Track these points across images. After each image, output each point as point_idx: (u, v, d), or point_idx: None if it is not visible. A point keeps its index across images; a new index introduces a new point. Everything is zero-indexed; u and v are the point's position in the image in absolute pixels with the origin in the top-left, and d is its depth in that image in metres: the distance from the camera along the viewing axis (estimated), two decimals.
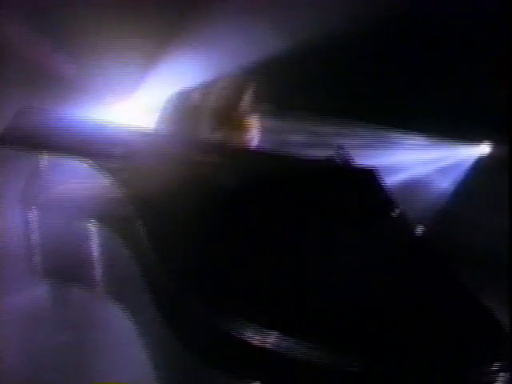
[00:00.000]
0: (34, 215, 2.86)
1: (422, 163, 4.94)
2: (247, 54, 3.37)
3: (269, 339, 1.93)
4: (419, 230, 2.61)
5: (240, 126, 3.23)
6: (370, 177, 2.70)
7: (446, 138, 4.91)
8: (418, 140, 4.95)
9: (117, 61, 4.14)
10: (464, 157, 4.98)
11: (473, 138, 4.90)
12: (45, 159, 2.92)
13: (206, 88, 3.21)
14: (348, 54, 4.41)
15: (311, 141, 4.59)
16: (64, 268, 2.91)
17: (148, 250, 2.31)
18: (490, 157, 4.92)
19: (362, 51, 4.43)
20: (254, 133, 3.25)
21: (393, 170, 4.30)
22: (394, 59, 4.50)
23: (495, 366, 1.90)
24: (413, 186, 4.65)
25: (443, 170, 4.98)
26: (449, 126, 4.64)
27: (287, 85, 4.22)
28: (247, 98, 3.29)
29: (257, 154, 3.09)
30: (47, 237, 2.90)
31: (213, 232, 2.34)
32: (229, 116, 3.21)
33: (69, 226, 2.79)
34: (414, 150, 4.95)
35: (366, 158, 3.09)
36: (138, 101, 4.26)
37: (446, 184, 4.93)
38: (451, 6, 4.32)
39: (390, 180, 2.83)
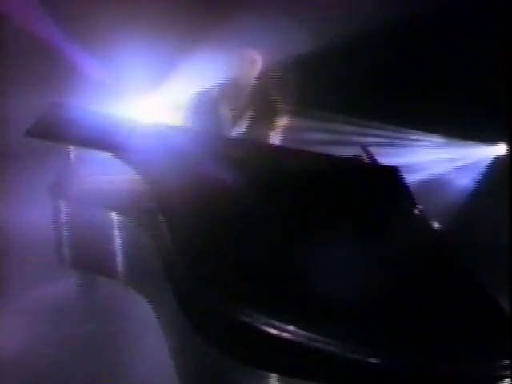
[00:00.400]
0: (63, 207, 2.93)
1: (441, 162, 4.94)
2: (272, 52, 3.38)
3: (286, 333, 1.97)
4: (438, 227, 2.62)
5: (265, 124, 3.24)
6: (393, 175, 2.75)
7: (464, 139, 4.91)
8: (436, 140, 4.96)
9: (140, 59, 4.17)
10: (482, 156, 4.97)
11: (491, 138, 4.89)
12: (74, 153, 2.98)
13: (230, 86, 3.23)
14: (371, 57, 4.42)
15: (333, 139, 4.60)
16: (90, 258, 2.97)
17: (168, 242, 2.36)
18: (507, 156, 4.90)
19: (384, 55, 4.43)
20: (279, 130, 3.27)
21: (412, 168, 4.29)
22: (418, 61, 4.51)
23: (504, 363, 1.94)
24: (431, 185, 4.64)
25: (461, 169, 4.97)
26: (467, 127, 4.64)
27: (311, 84, 4.22)
28: (272, 96, 3.31)
29: (283, 151, 3.11)
30: (75, 228, 2.96)
31: (233, 227, 2.37)
32: (253, 113, 3.23)
33: (96, 217, 2.85)
34: (433, 149, 4.96)
35: (387, 156, 3.12)
36: (161, 97, 4.27)
37: (464, 182, 4.92)
38: (469, 8, 4.32)
39: (410, 178, 2.85)
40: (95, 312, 3.26)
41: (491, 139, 4.95)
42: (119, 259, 2.87)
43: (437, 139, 4.93)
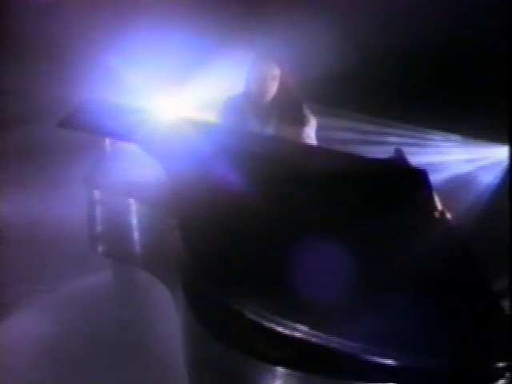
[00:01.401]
0: (97, 197, 3.01)
1: (462, 162, 4.96)
2: (300, 55, 3.41)
3: (297, 331, 2.02)
4: (460, 228, 2.65)
5: (292, 128, 3.25)
6: (421, 177, 2.80)
7: (485, 139, 4.94)
8: (458, 140, 4.99)
9: (168, 59, 4.24)
10: (503, 156, 4.97)
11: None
12: (109, 144, 3.07)
13: (254, 94, 3.24)
14: (394, 61, 4.46)
15: (355, 138, 4.65)
16: (120, 248, 3.05)
17: (178, 236, 2.41)
18: None
19: (407, 55, 4.46)
20: (307, 132, 3.28)
21: (434, 168, 4.32)
22: (442, 61, 4.55)
23: (503, 364, 1.98)
24: (452, 184, 4.66)
25: (483, 169, 4.98)
26: (489, 127, 4.67)
27: (336, 85, 4.27)
28: (299, 96, 3.33)
29: (314, 151, 3.14)
30: (107, 218, 3.04)
31: (245, 226, 2.39)
32: (279, 119, 3.24)
33: (124, 208, 2.93)
34: (454, 149, 4.99)
35: (410, 155, 3.16)
36: (188, 98, 4.33)
37: (485, 182, 4.94)
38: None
39: (432, 178, 2.88)
40: (130, 301, 3.34)
41: None
42: (144, 249, 2.95)
43: (458, 139, 4.96)
